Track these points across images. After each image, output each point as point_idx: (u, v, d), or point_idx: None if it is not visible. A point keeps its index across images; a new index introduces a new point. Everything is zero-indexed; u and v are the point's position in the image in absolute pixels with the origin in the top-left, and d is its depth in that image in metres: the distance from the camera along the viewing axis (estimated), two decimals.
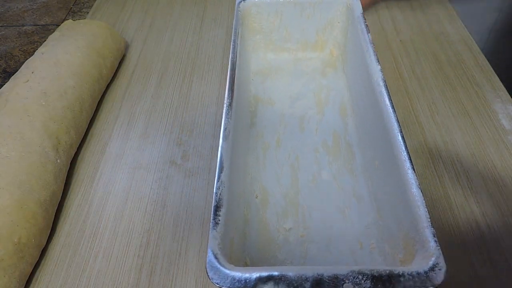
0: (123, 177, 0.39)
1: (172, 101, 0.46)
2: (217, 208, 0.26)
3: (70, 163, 0.40)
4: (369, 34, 0.38)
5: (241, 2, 0.44)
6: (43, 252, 0.34)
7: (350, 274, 0.22)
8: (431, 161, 0.38)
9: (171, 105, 0.46)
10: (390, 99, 0.32)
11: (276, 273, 0.23)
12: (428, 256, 0.23)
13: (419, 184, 0.27)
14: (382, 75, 0.34)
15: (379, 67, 0.35)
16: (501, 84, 0.46)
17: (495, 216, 0.34)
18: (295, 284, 0.22)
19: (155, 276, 0.32)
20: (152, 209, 0.36)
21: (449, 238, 0.33)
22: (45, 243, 0.33)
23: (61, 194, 0.36)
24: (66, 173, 0.38)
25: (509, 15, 0.71)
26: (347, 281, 0.22)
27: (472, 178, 0.37)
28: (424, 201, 0.26)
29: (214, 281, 0.23)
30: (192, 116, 0.44)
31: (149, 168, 0.39)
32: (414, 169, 0.28)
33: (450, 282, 0.30)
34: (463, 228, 0.33)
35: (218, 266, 0.23)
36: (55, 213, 0.36)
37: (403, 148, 0.29)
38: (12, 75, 0.41)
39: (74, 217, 0.36)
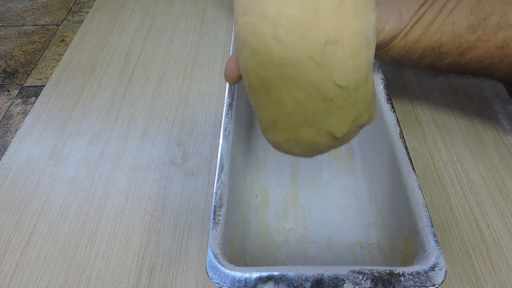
0: (123, 177, 0.39)
1: (172, 101, 0.46)
2: (217, 208, 0.26)
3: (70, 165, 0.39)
4: None
5: None
6: (43, 252, 0.34)
7: (350, 274, 0.22)
8: (430, 160, 0.38)
9: (171, 105, 0.46)
10: (389, 100, 0.32)
11: (276, 273, 0.23)
12: (428, 256, 0.23)
13: (419, 184, 0.27)
14: (382, 75, 0.34)
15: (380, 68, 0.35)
16: (501, 84, 0.46)
17: (495, 216, 0.34)
18: (295, 284, 0.22)
19: (155, 276, 0.32)
20: (152, 209, 0.36)
21: (449, 238, 0.33)
22: None
23: None
24: None
25: None
26: (347, 281, 0.22)
27: (472, 178, 0.37)
28: (424, 201, 0.26)
29: (214, 281, 0.23)
30: (192, 116, 0.44)
31: (149, 168, 0.39)
32: (414, 169, 0.28)
33: (450, 282, 0.30)
34: (463, 228, 0.33)
35: (218, 266, 0.23)
36: (53, 211, 0.36)
37: (403, 148, 0.29)
38: (12, 75, 0.41)
39: (74, 217, 0.36)
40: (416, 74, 0.47)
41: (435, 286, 0.22)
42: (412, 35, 0.32)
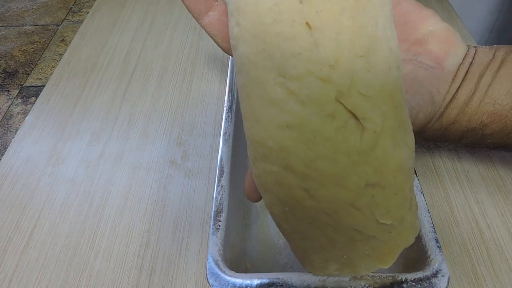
0: (123, 177, 0.39)
1: (172, 101, 0.46)
2: (217, 213, 0.26)
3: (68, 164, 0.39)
4: None
5: None
6: (43, 252, 0.34)
7: (352, 280, 0.22)
8: (431, 161, 0.38)
9: (171, 105, 0.46)
10: None
11: (277, 280, 0.23)
12: (431, 262, 0.23)
13: (421, 189, 0.27)
14: None
15: None
16: None
17: (495, 216, 0.34)
18: None
19: (155, 276, 0.32)
20: (152, 209, 0.36)
21: (449, 238, 0.33)
22: None
23: None
24: None
25: (509, 15, 0.71)
26: (349, 287, 0.22)
27: (472, 178, 0.37)
28: (426, 206, 0.26)
29: (215, 287, 0.23)
30: (192, 116, 0.44)
31: (149, 168, 0.39)
32: (416, 173, 0.28)
33: (450, 282, 0.30)
34: (463, 228, 0.33)
35: (219, 272, 0.23)
36: (53, 211, 0.36)
37: None
38: (12, 75, 0.41)
39: (74, 217, 0.36)
40: None
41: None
42: (448, 116, 0.28)
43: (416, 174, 0.28)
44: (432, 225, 0.25)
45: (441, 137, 0.30)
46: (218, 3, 0.22)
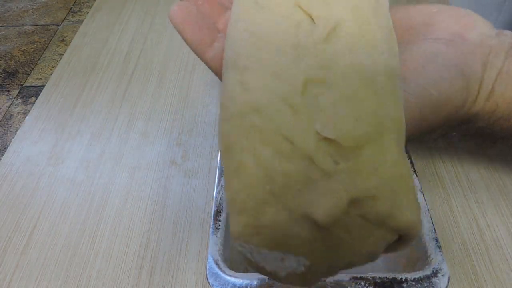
0: (123, 177, 0.39)
1: (172, 101, 0.46)
2: (217, 213, 0.26)
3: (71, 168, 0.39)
4: None
5: None
6: (43, 252, 0.34)
7: (352, 280, 0.22)
8: (431, 161, 0.38)
9: (171, 105, 0.46)
10: None
11: None
12: (431, 262, 0.23)
13: (421, 189, 0.27)
14: None
15: None
16: None
17: (495, 216, 0.34)
18: None
19: (155, 276, 0.32)
20: (152, 209, 0.36)
21: (449, 238, 0.33)
22: None
23: None
24: None
25: (509, 15, 0.71)
26: (349, 287, 0.22)
27: (472, 178, 0.37)
28: (427, 206, 0.26)
29: (215, 287, 0.23)
30: (192, 116, 0.44)
31: (149, 168, 0.39)
32: (416, 173, 0.28)
33: (450, 282, 0.30)
34: (463, 228, 0.33)
35: (219, 272, 0.23)
36: (53, 211, 0.36)
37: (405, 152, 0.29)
38: (12, 75, 0.41)
39: (74, 217, 0.36)
40: None
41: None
42: (503, 93, 0.23)
43: (416, 174, 0.28)
44: (432, 225, 0.25)
45: (497, 123, 0.25)
46: (221, 35, 0.22)
